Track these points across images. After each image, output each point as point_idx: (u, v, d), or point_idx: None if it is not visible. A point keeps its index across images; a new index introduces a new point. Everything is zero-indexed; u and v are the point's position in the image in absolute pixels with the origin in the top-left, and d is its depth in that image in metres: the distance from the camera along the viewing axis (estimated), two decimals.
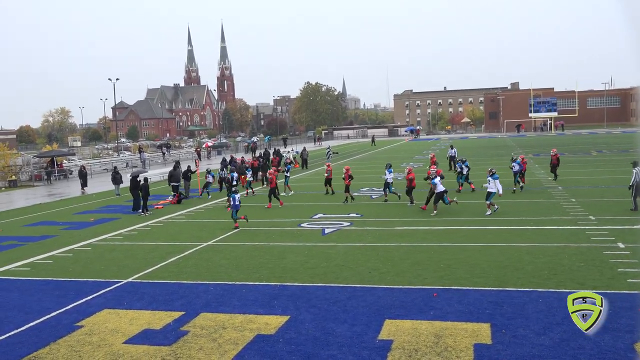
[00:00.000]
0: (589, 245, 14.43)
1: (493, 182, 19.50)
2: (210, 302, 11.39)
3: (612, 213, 18.66)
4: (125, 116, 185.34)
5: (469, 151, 55.86)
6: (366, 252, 14.96)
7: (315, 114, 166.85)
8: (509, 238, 15.77)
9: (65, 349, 9.31)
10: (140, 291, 12.45)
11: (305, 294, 11.54)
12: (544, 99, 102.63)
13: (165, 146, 70.67)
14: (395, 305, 10.56)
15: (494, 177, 19.59)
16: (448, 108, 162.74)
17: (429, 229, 17.68)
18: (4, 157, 43.39)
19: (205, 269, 14.08)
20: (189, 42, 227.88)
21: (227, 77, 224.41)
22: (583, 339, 8.34)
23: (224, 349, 8.94)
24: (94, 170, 50.72)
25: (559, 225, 17.25)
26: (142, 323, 10.33)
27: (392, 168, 24.23)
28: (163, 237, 18.69)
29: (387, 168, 23.99)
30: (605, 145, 53.89)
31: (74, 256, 16.49)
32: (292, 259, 14.53)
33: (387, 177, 23.68)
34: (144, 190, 23.81)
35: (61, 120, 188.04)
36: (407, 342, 8.82)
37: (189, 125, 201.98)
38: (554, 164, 28.22)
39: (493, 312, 9.92)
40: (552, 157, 28.58)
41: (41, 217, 25.15)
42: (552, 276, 11.82)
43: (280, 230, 18.69)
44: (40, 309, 11.55)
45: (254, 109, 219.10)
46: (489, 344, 8.57)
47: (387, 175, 23.70)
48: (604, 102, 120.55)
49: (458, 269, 12.80)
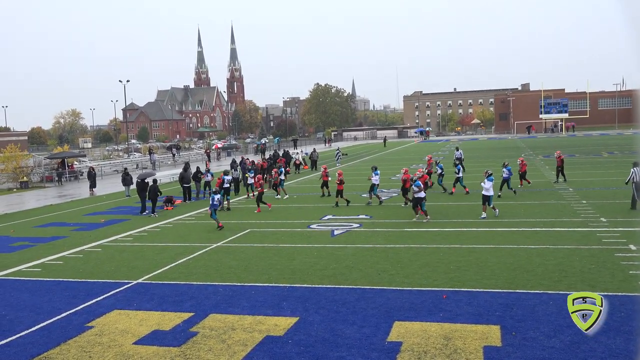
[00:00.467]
0: (600, 247, 14.32)
1: (489, 184, 19.10)
2: (219, 303, 11.41)
3: (624, 215, 18.51)
4: (136, 118, 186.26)
5: (478, 152, 55.69)
6: (375, 253, 14.93)
7: (324, 115, 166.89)
8: (519, 240, 15.68)
9: (76, 349, 9.36)
10: (150, 292, 12.50)
11: (315, 296, 11.53)
12: (555, 100, 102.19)
13: (175, 147, 70.96)
14: (404, 307, 10.53)
15: (490, 178, 19.24)
16: (458, 109, 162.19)
17: (438, 230, 17.62)
18: (15, 158, 43.76)
19: (215, 270, 14.11)
20: (199, 44, 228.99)
21: (236, 78, 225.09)
22: (594, 342, 8.27)
23: (233, 350, 8.95)
24: (104, 171, 51.04)
25: (569, 227, 17.14)
26: (151, 324, 10.36)
27: (378, 170, 24.19)
28: (173, 238, 18.76)
29: (373, 170, 23.90)
30: (616, 147, 53.51)
31: (84, 257, 16.59)
32: (302, 261, 14.53)
33: (373, 179, 23.58)
34: (152, 192, 23.87)
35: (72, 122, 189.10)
36: (416, 344, 8.80)
37: (198, 127, 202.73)
38: (559, 166, 27.83)
39: (503, 314, 9.87)
40: (557, 160, 28.13)
41: (52, 218, 25.31)
42: (563, 278, 11.74)
43: (290, 232, 18.70)
44: (50, 309, 11.62)
45: (264, 110, 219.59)
46: (498, 347, 8.52)
47: (373, 178, 23.59)
48: (615, 103, 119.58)
49: (468, 270, 12.75)
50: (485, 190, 19.11)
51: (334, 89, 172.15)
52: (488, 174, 19.49)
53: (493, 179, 19.45)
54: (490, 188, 19.10)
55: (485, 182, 19.13)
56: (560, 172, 28.00)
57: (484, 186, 19.14)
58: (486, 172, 19.69)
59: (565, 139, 75.44)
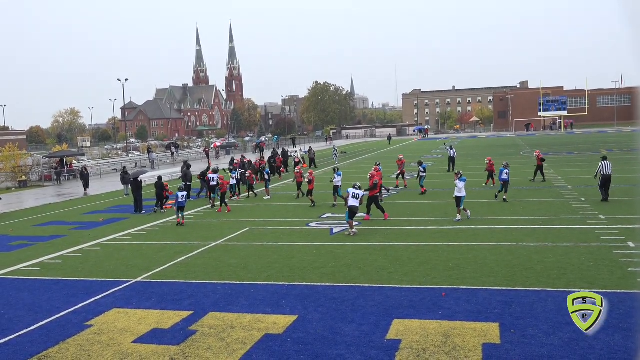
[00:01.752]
0: (599, 244, 14.33)
1: (462, 185, 18.31)
2: (218, 301, 11.42)
3: (623, 212, 18.53)
4: (134, 116, 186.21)
5: (477, 150, 55.71)
6: (374, 251, 14.94)
7: (323, 113, 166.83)
8: (518, 237, 15.69)
9: (75, 348, 9.36)
10: (149, 291, 12.50)
11: (314, 294, 11.54)
12: (554, 98, 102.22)
13: (174, 146, 70.89)
14: (403, 305, 10.54)
15: (462, 179, 18.42)
16: (457, 107, 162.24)
17: (437, 228, 17.63)
18: (14, 157, 43.76)
19: (214, 268, 14.11)
20: (197, 42, 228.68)
21: (235, 77, 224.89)
22: (593, 339, 8.27)
23: (232, 348, 8.95)
24: (103, 170, 51.04)
25: (568, 224, 17.15)
26: (150, 322, 10.36)
27: (340, 171, 24.10)
28: (172, 236, 18.75)
29: (335, 172, 23.80)
30: (615, 144, 53.54)
31: (83, 256, 16.58)
32: (301, 259, 14.53)
33: (335, 180, 23.48)
34: (158, 188, 24.30)
35: (71, 121, 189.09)
36: (415, 341, 8.80)
37: (197, 126, 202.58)
38: (539, 165, 27.49)
39: (502, 311, 9.88)
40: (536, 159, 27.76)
41: (51, 217, 25.31)
42: (562, 276, 11.75)
43: (289, 230, 18.70)
44: (49, 308, 11.62)
45: (263, 108, 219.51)
46: (497, 344, 8.53)
47: (335, 179, 23.49)
48: (614, 100, 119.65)
49: (467, 268, 12.76)
50: (457, 190, 18.38)
51: (333, 87, 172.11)
52: (460, 174, 18.79)
53: (465, 179, 18.73)
54: (462, 189, 18.33)
55: (458, 183, 18.37)
56: (539, 171, 27.63)
57: (456, 187, 18.43)
58: (458, 173, 19.01)
59: (564, 137, 75.47)
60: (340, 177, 23.65)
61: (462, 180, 18.41)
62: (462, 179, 18.49)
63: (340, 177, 23.65)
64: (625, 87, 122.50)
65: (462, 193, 18.41)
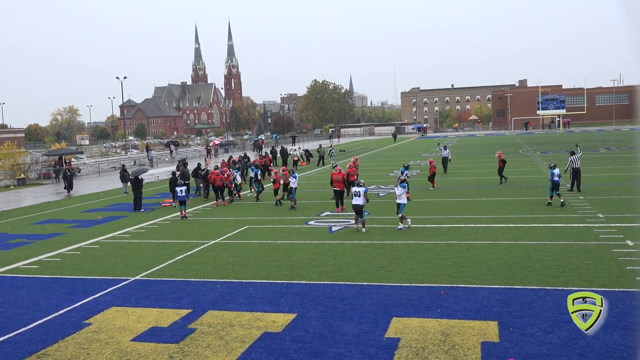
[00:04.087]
0: (597, 243, 14.34)
1: (402, 191, 17.20)
2: (217, 299, 11.41)
3: (621, 211, 18.54)
4: (133, 114, 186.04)
5: (475, 149, 55.71)
6: (373, 250, 14.94)
7: (322, 112, 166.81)
8: (516, 236, 15.70)
9: (73, 346, 9.35)
10: (147, 289, 12.49)
11: (313, 292, 11.54)
12: (552, 96, 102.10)
13: (172, 144, 70.85)
14: (402, 303, 10.54)
15: (402, 185, 17.29)
16: (455, 105, 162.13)
17: (436, 226, 17.63)
18: (12, 155, 43.73)
19: (213, 266, 14.11)
20: (196, 40, 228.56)
21: (234, 75, 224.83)
22: (591, 338, 8.28)
23: (231, 346, 8.95)
24: (102, 168, 50.99)
25: (567, 223, 17.16)
26: (149, 321, 10.36)
27: (296, 173, 24.02)
28: (170, 235, 18.74)
29: (291, 174, 23.59)
30: (613, 143, 53.56)
31: (82, 254, 16.57)
32: (299, 257, 14.53)
33: (292, 183, 23.22)
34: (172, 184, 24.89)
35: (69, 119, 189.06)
36: (414, 340, 8.81)
37: (196, 124, 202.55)
38: (501, 166, 27.13)
39: (501, 310, 9.89)
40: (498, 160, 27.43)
41: (49, 215, 25.28)
42: (560, 274, 11.76)
43: (288, 228, 18.70)
44: (48, 306, 11.61)
45: (261, 107, 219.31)
46: (496, 342, 8.54)
47: (292, 181, 23.28)
48: (612, 99, 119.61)
49: (465, 266, 12.76)
50: (397, 197, 17.38)
51: (332, 85, 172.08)
52: (401, 180, 17.68)
53: (405, 185, 17.55)
54: (402, 195, 17.22)
55: (398, 189, 17.30)
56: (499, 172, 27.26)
57: (396, 193, 17.46)
58: (398, 179, 17.90)
59: (563, 135, 75.48)
60: (296, 179, 23.22)
61: (402, 186, 17.29)
62: (403, 185, 17.35)
63: (296, 179, 23.21)
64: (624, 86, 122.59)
65: (403, 200, 17.29)
